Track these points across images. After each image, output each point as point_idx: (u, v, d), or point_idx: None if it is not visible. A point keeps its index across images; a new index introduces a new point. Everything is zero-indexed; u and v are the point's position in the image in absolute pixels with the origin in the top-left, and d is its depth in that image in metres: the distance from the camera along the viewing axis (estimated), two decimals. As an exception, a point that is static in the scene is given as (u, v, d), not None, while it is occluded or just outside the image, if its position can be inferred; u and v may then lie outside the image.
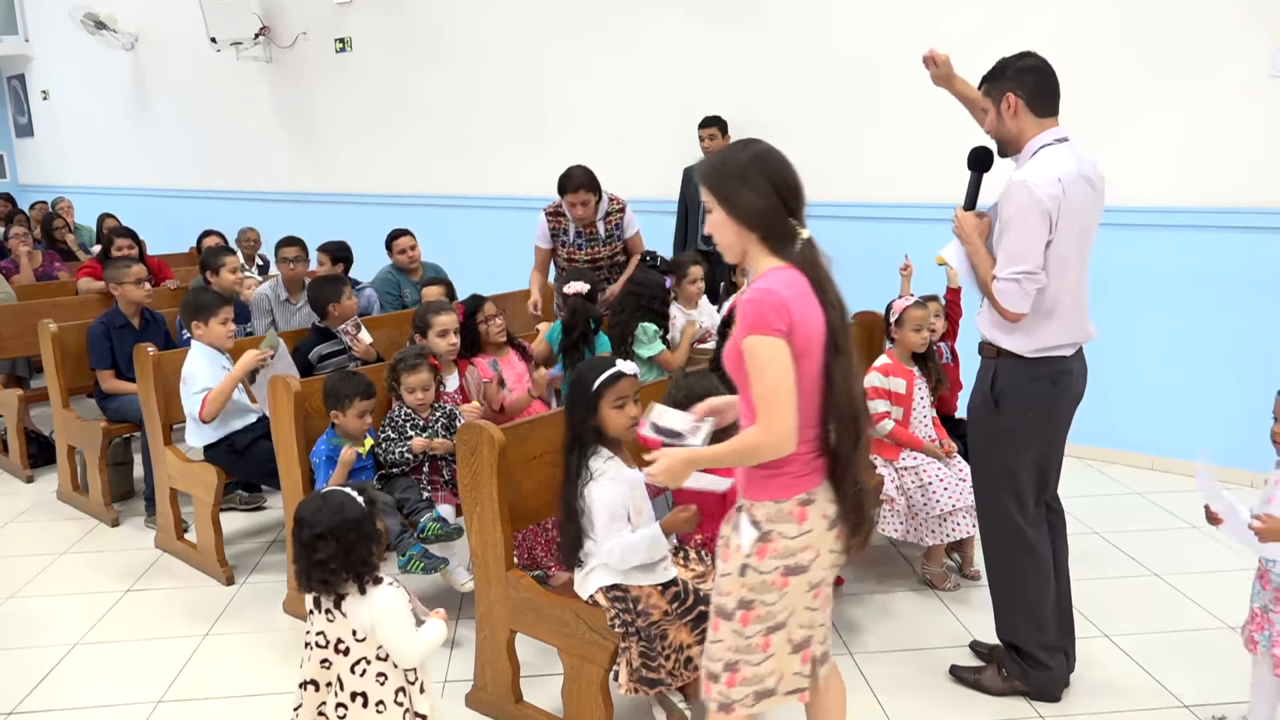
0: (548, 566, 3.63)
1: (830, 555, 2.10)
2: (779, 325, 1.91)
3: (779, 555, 2.02)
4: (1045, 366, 2.78)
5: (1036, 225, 2.61)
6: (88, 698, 3.15)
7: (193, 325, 4.01)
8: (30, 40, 12.20)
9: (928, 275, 4.34)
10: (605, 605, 2.58)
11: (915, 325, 3.72)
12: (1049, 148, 2.68)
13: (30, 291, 6.25)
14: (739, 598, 2.05)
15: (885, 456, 3.74)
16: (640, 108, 6.66)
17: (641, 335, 4.11)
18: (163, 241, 8.91)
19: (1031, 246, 2.62)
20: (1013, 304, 2.67)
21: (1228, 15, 4.58)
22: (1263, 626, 2.64)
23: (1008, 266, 2.65)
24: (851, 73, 5.72)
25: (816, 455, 2.05)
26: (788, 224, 2.00)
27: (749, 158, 2.00)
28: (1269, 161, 4.59)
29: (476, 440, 2.77)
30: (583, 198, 4.55)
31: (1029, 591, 2.93)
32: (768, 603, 2.04)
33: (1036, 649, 2.96)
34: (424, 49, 7.85)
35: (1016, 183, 2.64)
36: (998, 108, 2.73)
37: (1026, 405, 2.80)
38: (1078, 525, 3.64)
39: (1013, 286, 2.65)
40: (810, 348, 1.97)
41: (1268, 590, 2.62)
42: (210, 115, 9.82)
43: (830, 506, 2.07)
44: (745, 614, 2.05)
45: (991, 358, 2.85)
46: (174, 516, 4.20)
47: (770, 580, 2.03)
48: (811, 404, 2.00)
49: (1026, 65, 2.71)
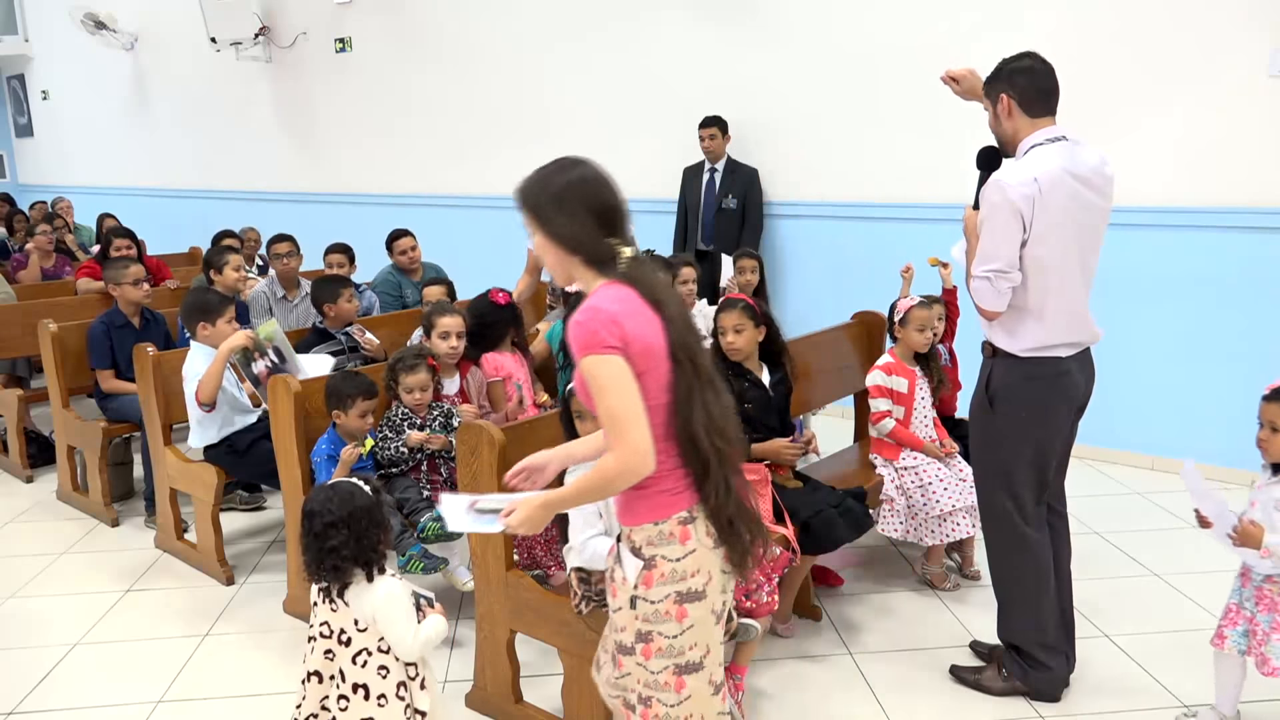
0: (548, 566, 3.63)
1: (723, 577, 1.99)
2: (611, 342, 1.81)
3: (667, 580, 1.92)
4: (1041, 366, 2.78)
5: (1007, 224, 2.64)
6: (88, 698, 3.15)
7: (199, 326, 4.01)
8: (30, 40, 12.20)
9: (922, 276, 4.35)
10: (574, 586, 2.66)
11: (919, 325, 3.72)
12: (1040, 147, 2.70)
13: (30, 291, 6.25)
14: (635, 630, 1.96)
15: (885, 456, 3.74)
16: (640, 107, 6.66)
17: None
18: (163, 241, 8.90)
19: (1001, 245, 2.66)
20: (985, 301, 2.72)
21: (1228, 15, 4.58)
22: (1235, 622, 2.68)
23: (980, 264, 2.70)
24: (852, 73, 5.72)
25: (688, 470, 1.94)
26: (605, 246, 1.92)
27: (563, 182, 1.93)
28: (1269, 161, 4.59)
29: (476, 440, 2.77)
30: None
31: (1028, 591, 2.94)
32: (668, 635, 1.94)
33: (1036, 649, 2.96)
34: (424, 49, 7.85)
35: (991, 182, 2.68)
36: (995, 109, 2.78)
37: (1020, 405, 2.81)
38: (1078, 525, 3.63)
39: (984, 284, 2.69)
40: (652, 363, 1.87)
41: (1247, 589, 2.67)
42: (210, 115, 9.82)
43: (712, 523, 1.97)
44: (646, 647, 1.96)
45: (989, 356, 2.88)
46: (174, 516, 4.20)
47: (664, 609, 1.93)
48: (665, 418, 1.90)
49: (1020, 66, 2.74)
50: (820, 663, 3.25)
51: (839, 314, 4.55)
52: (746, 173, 6.06)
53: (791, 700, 3.04)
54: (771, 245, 6.18)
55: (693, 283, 4.46)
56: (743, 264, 4.70)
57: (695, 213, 6.15)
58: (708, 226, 6.09)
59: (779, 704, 3.02)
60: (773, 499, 3.14)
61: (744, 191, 6.02)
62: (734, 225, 6.02)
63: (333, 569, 2.19)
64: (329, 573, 2.20)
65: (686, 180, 6.24)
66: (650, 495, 1.93)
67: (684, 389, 1.90)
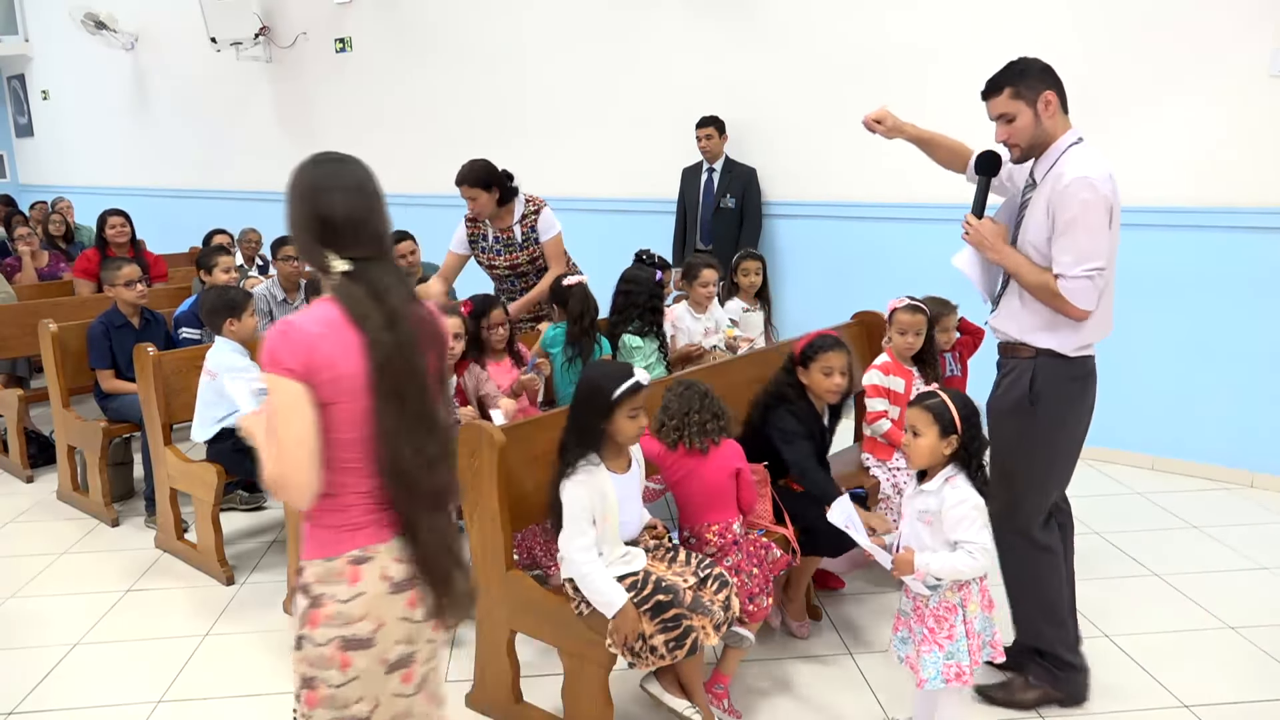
0: (547, 566, 3.63)
1: (404, 626, 1.81)
2: (290, 365, 1.68)
3: (333, 623, 1.75)
4: (1081, 366, 2.79)
5: (1101, 220, 2.61)
6: (88, 698, 3.14)
7: (225, 323, 4.03)
8: (30, 40, 12.20)
9: (926, 277, 4.34)
10: (570, 593, 2.67)
11: (901, 329, 3.70)
12: (1076, 146, 2.69)
13: (30, 291, 6.26)
14: (301, 674, 1.81)
15: (879, 456, 3.74)
16: (641, 107, 6.65)
17: (623, 349, 4.05)
18: (163, 241, 8.90)
19: (1101, 242, 2.62)
20: (1085, 301, 2.65)
21: (1228, 15, 4.58)
22: (897, 628, 2.68)
23: (1079, 264, 2.62)
24: (850, 72, 5.72)
25: (380, 508, 1.79)
26: (320, 255, 1.77)
27: (305, 181, 1.82)
28: (1270, 161, 4.59)
29: (476, 440, 2.77)
30: (469, 193, 4.36)
31: (1047, 592, 2.91)
32: (331, 683, 1.77)
33: (1060, 648, 2.92)
34: (424, 48, 7.85)
35: (1079, 180, 2.59)
36: (1034, 109, 2.68)
37: (1065, 405, 2.79)
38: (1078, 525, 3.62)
39: (1084, 284, 2.63)
40: (344, 391, 1.72)
41: (909, 599, 2.64)
42: (210, 115, 9.82)
43: (396, 566, 1.79)
44: (310, 695, 1.79)
45: (1028, 358, 2.80)
46: (174, 516, 4.20)
47: (327, 654, 1.76)
48: (361, 452, 1.75)
49: (1046, 65, 2.70)
50: (820, 663, 3.25)
51: (837, 314, 4.55)
52: (744, 172, 6.06)
53: (791, 701, 3.03)
54: (771, 245, 6.18)
55: (713, 285, 4.43)
56: (746, 265, 4.70)
57: (694, 213, 6.16)
58: (706, 226, 6.10)
59: (779, 704, 3.02)
60: (773, 499, 3.14)
61: (742, 191, 6.02)
62: (732, 225, 6.02)
63: None
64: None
65: (685, 180, 6.25)
66: (323, 529, 1.78)
67: (386, 425, 1.74)
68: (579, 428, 2.68)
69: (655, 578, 2.64)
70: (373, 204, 1.85)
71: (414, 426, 1.76)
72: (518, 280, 4.59)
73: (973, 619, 2.54)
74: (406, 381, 1.76)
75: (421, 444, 1.77)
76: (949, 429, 2.52)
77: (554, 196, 4.70)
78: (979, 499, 2.52)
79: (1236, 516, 4.41)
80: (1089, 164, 2.62)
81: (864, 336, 4.32)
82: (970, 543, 2.48)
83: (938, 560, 2.50)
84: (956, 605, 2.53)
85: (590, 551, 2.60)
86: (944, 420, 2.52)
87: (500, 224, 4.52)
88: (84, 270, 6.17)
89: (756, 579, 2.86)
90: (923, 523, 2.58)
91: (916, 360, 3.78)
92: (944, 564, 2.49)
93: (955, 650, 2.52)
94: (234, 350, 4.00)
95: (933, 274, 4.25)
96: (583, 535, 2.60)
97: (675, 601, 2.58)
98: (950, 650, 2.52)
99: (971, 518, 2.50)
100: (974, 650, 2.53)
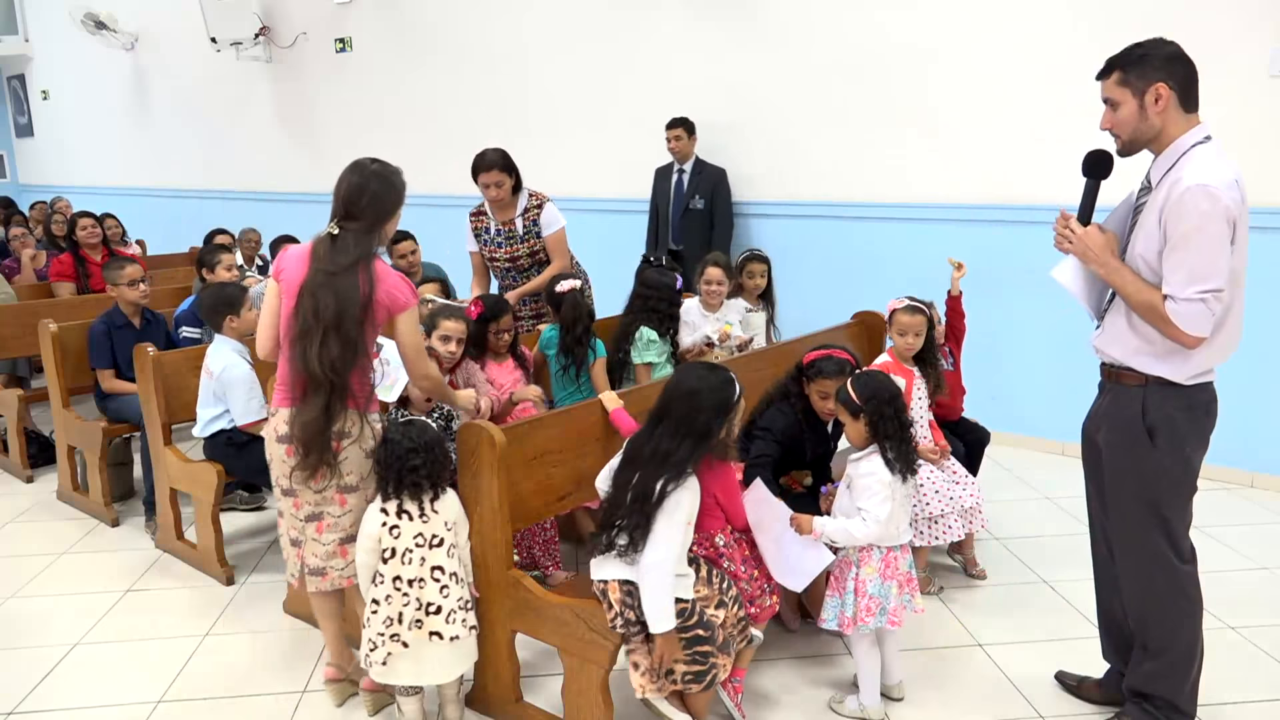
0: (546, 566, 3.63)
1: (283, 464, 2.77)
2: (274, 270, 2.81)
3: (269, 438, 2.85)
4: (1201, 394, 2.48)
5: (1222, 235, 2.32)
6: (88, 698, 3.15)
7: (225, 320, 4.01)
8: (30, 40, 12.21)
9: (924, 278, 4.35)
10: (617, 597, 2.57)
11: (900, 330, 3.70)
12: (1201, 146, 2.39)
13: (30, 291, 6.26)
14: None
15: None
16: (641, 107, 6.65)
17: (638, 341, 4.09)
18: (163, 241, 8.92)
19: (1219, 261, 2.33)
20: (1197, 328, 2.34)
21: (1227, 15, 4.58)
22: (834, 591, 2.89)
23: (1190, 286, 2.31)
24: (824, 73, 5.72)
25: (293, 382, 2.69)
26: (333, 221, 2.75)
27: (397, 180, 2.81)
28: (1270, 161, 4.59)
29: (476, 440, 2.77)
30: (496, 178, 4.39)
31: (1186, 641, 2.57)
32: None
33: (1182, 699, 2.60)
34: (424, 48, 7.86)
35: (1195, 188, 2.29)
36: (1140, 100, 2.39)
37: (1184, 438, 2.48)
38: (1078, 525, 3.63)
39: (1198, 308, 2.33)
40: (287, 295, 2.71)
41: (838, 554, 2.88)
42: (210, 115, 9.83)
43: (283, 426, 2.73)
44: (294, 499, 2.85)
45: (1138, 385, 2.50)
46: (174, 516, 4.20)
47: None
48: (288, 341, 2.69)
49: (1174, 53, 2.41)
50: (820, 663, 3.25)
51: (836, 313, 4.55)
52: (713, 173, 6.11)
53: (792, 700, 3.04)
54: (771, 245, 6.16)
55: (717, 284, 4.40)
56: (752, 267, 4.70)
57: (665, 212, 6.21)
58: (676, 226, 6.15)
59: (779, 704, 3.02)
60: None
61: (710, 192, 6.07)
62: (702, 225, 6.07)
63: (414, 485, 2.70)
64: (410, 488, 2.71)
65: (657, 180, 6.31)
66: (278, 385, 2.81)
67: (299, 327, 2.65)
68: (696, 432, 2.56)
69: (700, 610, 2.61)
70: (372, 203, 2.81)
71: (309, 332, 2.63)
72: (518, 274, 4.63)
73: (865, 580, 2.79)
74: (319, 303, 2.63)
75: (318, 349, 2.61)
76: (856, 411, 2.79)
77: (554, 196, 4.71)
78: (886, 474, 2.74)
79: (1236, 516, 4.41)
80: (1210, 169, 2.32)
81: (864, 336, 4.33)
82: (867, 511, 2.74)
83: (832, 524, 2.78)
84: (853, 563, 2.82)
85: (681, 563, 2.56)
86: (850, 406, 2.80)
87: (503, 216, 4.57)
88: (59, 274, 6.20)
89: (757, 581, 2.85)
90: (847, 488, 2.86)
91: (917, 360, 3.77)
92: (837, 528, 2.77)
93: (845, 602, 2.82)
94: (234, 349, 3.98)
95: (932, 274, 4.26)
96: (680, 545, 2.54)
97: (710, 639, 2.58)
98: (843, 601, 2.83)
99: (874, 490, 2.74)
100: (866, 609, 2.78)
